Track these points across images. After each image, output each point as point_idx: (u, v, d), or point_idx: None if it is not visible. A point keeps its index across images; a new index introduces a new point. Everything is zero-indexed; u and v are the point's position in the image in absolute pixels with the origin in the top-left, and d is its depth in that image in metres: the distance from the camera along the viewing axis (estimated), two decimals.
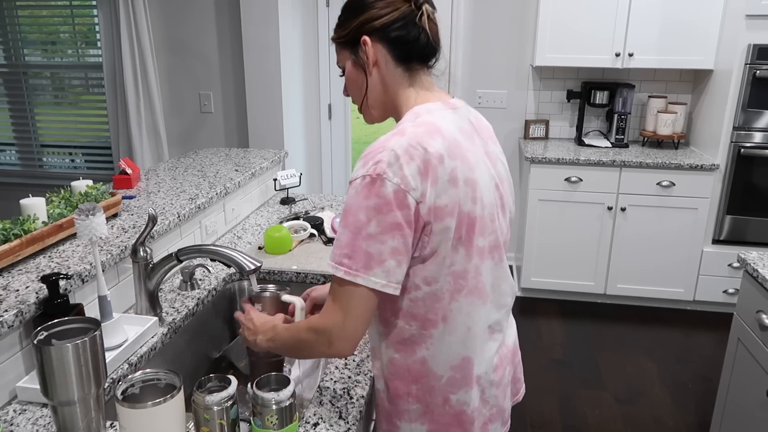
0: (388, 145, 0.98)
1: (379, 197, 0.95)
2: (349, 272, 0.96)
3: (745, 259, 1.96)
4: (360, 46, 1.08)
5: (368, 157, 0.98)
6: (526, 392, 1.36)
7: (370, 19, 1.06)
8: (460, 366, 1.09)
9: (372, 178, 0.95)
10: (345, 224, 0.97)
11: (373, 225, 0.95)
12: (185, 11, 3.61)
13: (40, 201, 1.45)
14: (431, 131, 1.00)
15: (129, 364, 1.28)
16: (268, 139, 3.56)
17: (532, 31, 3.71)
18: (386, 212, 0.95)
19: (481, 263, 1.06)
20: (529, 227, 3.55)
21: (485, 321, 1.11)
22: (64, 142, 4.24)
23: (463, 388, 1.11)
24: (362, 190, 0.96)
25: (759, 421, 1.87)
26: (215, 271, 1.73)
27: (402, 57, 1.08)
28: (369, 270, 0.96)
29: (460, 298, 1.06)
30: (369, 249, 0.95)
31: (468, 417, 1.12)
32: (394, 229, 0.96)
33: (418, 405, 1.11)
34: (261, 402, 0.96)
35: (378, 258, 0.96)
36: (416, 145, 0.97)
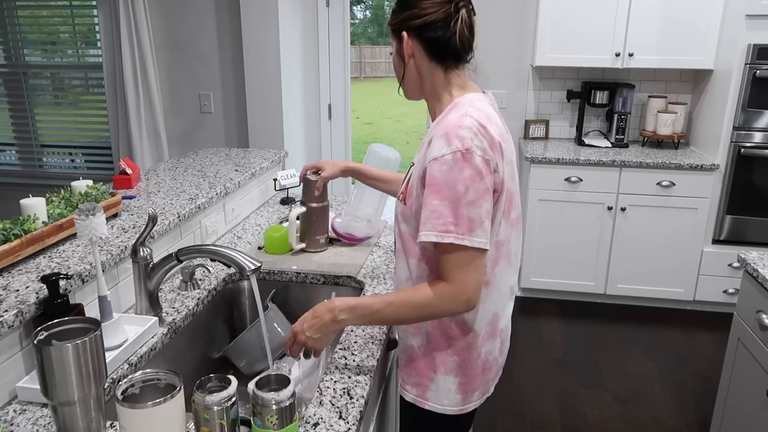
0: (464, 123, 1.10)
1: (472, 168, 1.07)
2: (459, 237, 1.08)
3: (745, 259, 1.96)
4: (402, 38, 1.20)
5: (450, 136, 1.09)
6: (526, 392, 1.44)
7: (411, 17, 1.18)
8: (491, 321, 1.25)
9: (462, 152, 1.07)
10: (441, 197, 1.08)
11: (471, 193, 1.08)
12: (185, 11, 3.61)
13: (40, 201, 1.45)
14: (487, 117, 1.14)
15: (129, 364, 1.28)
16: (268, 139, 3.56)
17: (532, 31, 3.71)
18: (479, 180, 1.08)
19: (512, 232, 1.22)
20: (529, 227, 3.55)
21: (509, 282, 1.27)
22: (64, 142, 4.24)
23: (490, 340, 1.26)
24: (455, 165, 1.07)
25: (759, 421, 1.87)
26: (215, 271, 1.73)
27: (435, 55, 1.19)
28: (473, 232, 1.08)
29: (500, 262, 1.21)
30: (470, 215, 1.08)
31: (489, 365, 1.29)
32: (486, 193, 1.10)
33: (456, 357, 1.24)
34: (261, 402, 0.96)
35: (478, 220, 1.09)
36: (484, 123, 1.11)
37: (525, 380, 2.87)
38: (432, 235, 1.09)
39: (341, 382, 1.22)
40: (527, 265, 3.61)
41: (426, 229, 1.10)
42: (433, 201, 1.09)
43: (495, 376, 1.35)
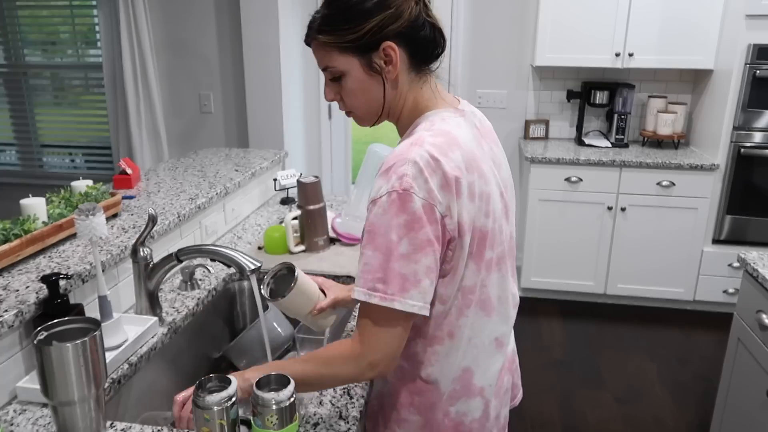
0: (410, 156, 0.92)
1: (408, 214, 0.90)
2: (385, 297, 0.91)
3: (745, 259, 1.96)
4: (378, 52, 0.98)
5: (390, 172, 0.92)
6: (526, 392, 1.36)
7: (391, 20, 0.96)
8: (461, 377, 1.07)
9: (399, 193, 0.90)
10: (374, 246, 0.91)
11: (405, 244, 0.90)
12: (185, 11, 3.61)
13: (40, 201, 1.45)
14: (449, 142, 0.95)
15: (129, 364, 1.28)
16: (268, 139, 3.56)
17: (532, 31, 3.71)
18: (417, 229, 0.90)
19: (488, 276, 1.03)
20: (529, 227, 3.55)
21: (491, 333, 1.08)
22: (64, 142, 4.24)
23: (462, 398, 1.08)
24: (390, 208, 0.90)
25: (759, 421, 1.87)
26: (215, 271, 1.73)
27: (417, 59, 1.01)
28: (405, 293, 0.91)
29: (468, 312, 1.03)
30: (403, 270, 0.91)
31: (466, 427, 1.09)
32: (426, 246, 0.91)
33: (419, 417, 1.09)
34: (261, 402, 0.96)
35: (413, 279, 0.91)
36: (437, 156, 0.92)
37: (525, 380, 2.86)
38: (361, 293, 0.92)
39: None
40: (527, 265, 3.61)
41: (358, 284, 0.93)
42: (366, 251, 0.92)
43: None
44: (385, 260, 0.91)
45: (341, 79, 1.02)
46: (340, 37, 0.98)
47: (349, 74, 1.01)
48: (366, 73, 1.00)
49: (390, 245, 0.90)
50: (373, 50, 0.98)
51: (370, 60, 0.98)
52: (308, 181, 1.81)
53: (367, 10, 0.96)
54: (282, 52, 3.41)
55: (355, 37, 0.97)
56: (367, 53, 0.98)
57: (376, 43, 0.97)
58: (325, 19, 1.00)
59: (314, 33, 1.02)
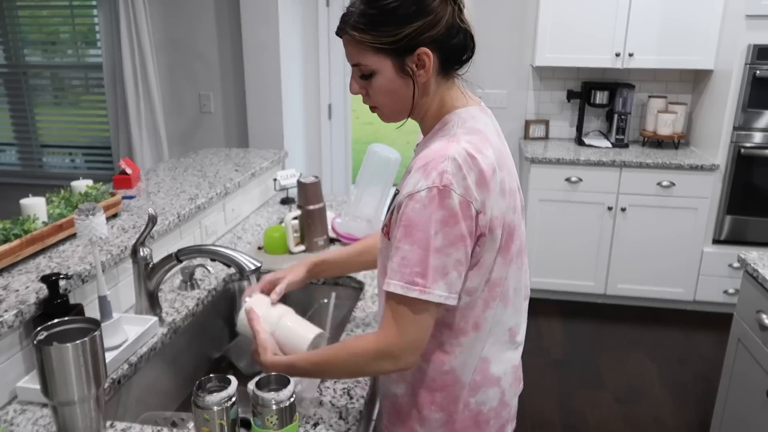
0: (448, 153, 0.94)
1: (445, 209, 0.92)
2: (424, 291, 0.94)
3: (745, 260, 1.96)
4: (412, 56, 0.98)
5: (429, 168, 0.94)
6: (526, 392, 1.37)
7: (427, 27, 0.96)
8: (480, 368, 1.09)
9: (439, 189, 0.92)
10: (412, 240, 0.93)
11: (440, 238, 0.93)
12: (185, 11, 3.61)
13: (40, 201, 1.45)
14: (482, 139, 0.98)
15: (129, 364, 1.28)
16: (268, 139, 3.56)
17: (532, 31, 3.71)
18: (452, 224, 0.93)
19: (508, 270, 1.06)
20: (529, 227, 3.55)
21: (506, 324, 1.11)
22: (64, 142, 4.24)
23: (481, 388, 1.10)
24: (429, 203, 0.92)
25: (759, 421, 1.87)
26: (215, 271, 1.73)
27: (449, 64, 1.02)
28: (435, 284, 0.94)
29: (493, 304, 1.06)
30: (435, 264, 0.94)
31: (484, 416, 1.12)
32: (458, 241, 0.94)
33: (441, 414, 1.10)
34: (261, 402, 0.96)
35: (443, 271, 0.94)
36: (474, 154, 0.95)
37: (525, 380, 2.86)
38: (399, 286, 0.94)
39: (341, 382, 1.22)
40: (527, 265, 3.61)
41: (395, 277, 0.95)
42: (404, 245, 0.94)
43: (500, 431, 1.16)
44: (424, 255, 0.93)
45: (371, 76, 1.02)
46: (376, 37, 0.97)
47: (380, 73, 1.01)
48: (397, 75, 1.00)
49: (428, 240, 0.93)
50: (408, 54, 0.98)
51: (403, 63, 0.99)
52: (308, 181, 1.81)
53: (407, 15, 0.95)
54: (282, 52, 3.41)
55: (392, 40, 0.97)
56: (402, 56, 0.98)
57: (412, 48, 0.97)
58: (362, 17, 0.98)
59: (349, 28, 0.99)
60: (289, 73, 3.55)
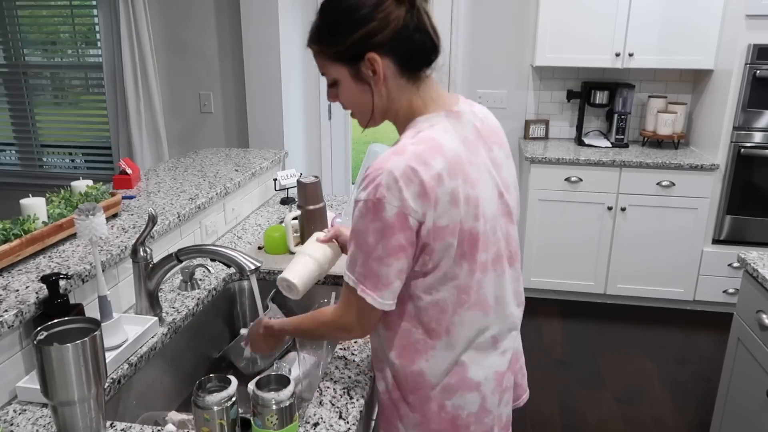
0: (387, 167, 0.96)
1: (381, 221, 0.96)
2: (365, 290, 1.01)
3: (745, 259, 1.96)
4: (364, 62, 1.00)
5: (368, 180, 0.97)
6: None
7: (372, 33, 0.98)
8: (455, 371, 1.10)
9: (373, 202, 0.96)
10: (357, 245, 1.00)
11: (380, 248, 0.98)
12: (185, 11, 3.61)
13: (40, 201, 1.45)
14: (431, 149, 0.97)
15: (129, 364, 1.28)
16: (268, 139, 3.56)
17: (532, 31, 3.71)
18: (389, 236, 0.97)
19: (483, 277, 1.07)
20: (529, 227, 3.55)
21: (488, 332, 1.11)
22: (64, 142, 4.24)
23: (457, 392, 1.11)
24: (366, 214, 0.98)
25: (759, 421, 1.87)
26: (215, 271, 1.73)
27: (408, 67, 1.02)
28: (378, 291, 1.01)
29: (462, 312, 1.07)
30: (378, 272, 1.00)
31: (462, 421, 1.12)
32: (398, 251, 0.98)
33: (415, 414, 1.13)
34: (261, 402, 0.96)
35: (386, 280, 1.00)
36: (415, 166, 0.95)
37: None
38: (350, 279, 1.03)
39: (341, 382, 1.22)
40: (527, 265, 3.61)
41: (348, 269, 1.03)
42: (352, 246, 1.02)
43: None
44: (365, 259, 1.00)
45: (336, 85, 1.07)
46: (328, 48, 1.03)
47: (341, 82, 1.05)
48: (355, 82, 1.04)
49: (368, 247, 0.99)
50: (360, 61, 1.01)
51: (358, 69, 1.02)
52: (308, 181, 1.80)
53: (351, 22, 0.99)
54: (282, 53, 3.41)
55: (341, 50, 1.01)
56: (355, 63, 1.01)
57: (360, 55, 1.00)
58: (316, 30, 1.05)
59: (309, 41, 1.07)
60: (289, 73, 3.55)
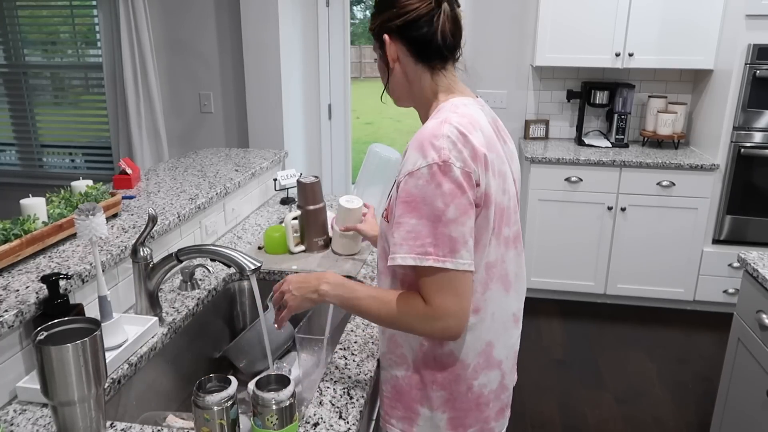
0: (442, 131, 0.99)
1: (451, 181, 0.97)
2: (438, 259, 0.98)
3: (745, 259, 1.96)
4: (384, 41, 1.11)
5: (425, 146, 0.99)
6: (526, 392, 1.38)
7: (390, 18, 1.09)
8: (484, 351, 1.13)
9: (439, 165, 0.97)
10: (419, 215, 0.98)
11: (452, 210, 0.97)
12: (185, 11, 3.61)
13: (40, 201, 1.45)
14: (472, 122, 1.04)
15: (129, 364, 1.28)
16: (268, 139, 3.56)
17: (532, 31, 3.71)
18: (461, 195, 0.98)
19: (507, 252, 1.11)
20: (529, 227, 3.55)
21: (509, 309, 1.15)
22: (64, 142, 4.24)
23: (483, 371, 1.14)
24: (432, 178, 0.97)
25: (759, 421, 1.87)
26: (215, 271, 1.73)
27: (421, 56, 1.10)
28: (456, 253, 0.98)
29: (492, 286, 1.10)
30: (453, 234, 0.98)
31: (485, 399, 1.16)
32: (469, 209, 0.99)
33: (443, 392, 1.13)
34: (261, 402, 0.96)
35: (462, 240, 0.99)
36: (465, 132, 1.00)
37: (525, 380, 2.87)
38: (409, 258, 0.99)
39: (341, 382, 1.22)
40: (527, 265, 3.61)
41: (402, 251, 0.99)
42: (409, 220, 0.99)
43: (498, 414, 1.20)
44: (433, 227, 0.98)
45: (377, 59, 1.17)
46: (371, 24, 1.15)
47: (378, 59, 1.16)
48: (382, 59, 1.14)
49: (437, 212, 0.97)
50: (380, 41, 1.12)
51: (383, 49, 1.13)
52: (308, 181, 1.80)
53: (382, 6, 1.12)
54: (282, 53, 3.41)
55: (371, 28, 1.14)
56: (379, 44, 1.13)
57: (380, 36, 1.12)
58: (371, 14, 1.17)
59: None
60: (289, 73, 3.55)
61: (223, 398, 0.95)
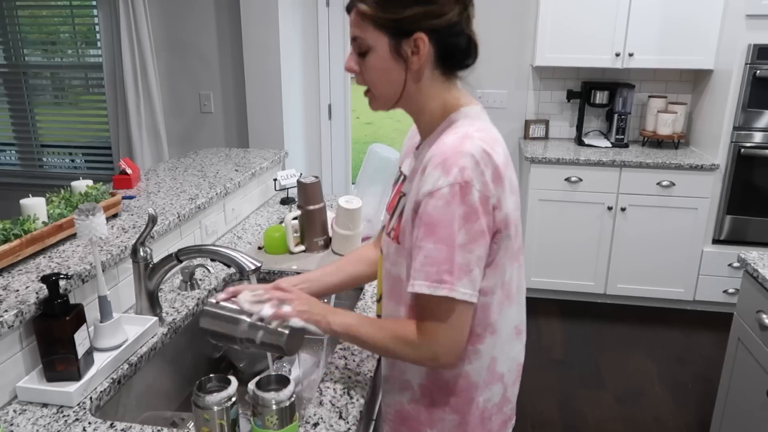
0: (465, 149, 0.93)
1: (467, 205, 0.92)
2: (453, 289, 0.94)
3: (745, 259, 1.96)
4: (409, 39, 0.98)
5: (449, 164, 0.93)
6: (526, 392, 1.37)
7: (431, 15, 0.97)
8: (489, 367, 1.09)
9: (461, 185, 0.92)
10: (436, 239, 0.93)
11: (462, 234, 0.93)
12: (185, 11, 3.61)
13: (40, 201, 1.45)
14: (492, 138, 0.98)
15: (129, 364, 1.28)
16: (268, 139, 3.56)
17: (532, 31, 3.71)
18: (474, 220, 0.93)
19: (513, 267, 1.06)
20: (529, 227, 3.55)
21: (512, 321, 1.11)
22: (64, 142, 4.24)
23: (488, 386, 1.11)
24: (452, 200, 0.92)
25: (759, 421, 1.87)
26: (215, 271, 1.73)
27: (446, 62, 1.02)
28: (460, 281, 0.94)
29: (506, 305, 1.06)
30: (459, 261, 0.93)
31: (488, 413, 1.12)
32: (480, 237, 0.94)
33: (455, 416, 1.10)
34: (261, 402, 0.96)
35: (467, 268, 0.94)
36: (488, 150, 0.94)
37: (525, 380, 2.87)
38: (424, 286, 0.94)
39: (341, 382, 1.22)
40: (527, 265, 3.61)
41: (420, 278, 0.95)
42: (427, 244, 0.94)
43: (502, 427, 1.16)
44: (449, 252, 0.93)
45: (367, 54, 1.02)
46: (380, 12, 0.98)
47: (375, 51, 1.01)
48: (392, 56, 1.00)
49: (453, 236, 0.93)
50: (406, 36, 0.98)
51: (399, 44, 0.99)
52: (308, 181, 1.80)
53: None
54: (282, 53, 3.41)
55: (394, 18, 0.97)
56: (399, 37, 0.98)
57: (410, 31, 0.97)
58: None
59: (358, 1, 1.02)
60: (289, 73, 3.55)
61: (223, 398, 0.96)
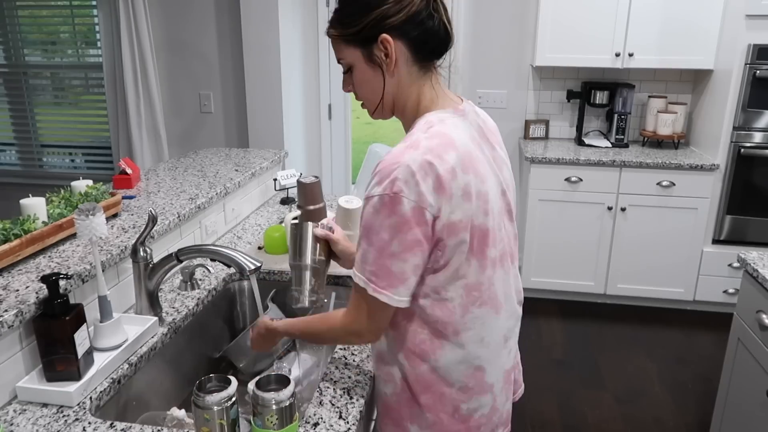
0: (403, 160, 0.95)
1: (398, 216, 0.95)
2: (377, 290, 0.99)
3: (745, 259, 1.96)
4: (377, 44, 1.00)
5: (383, 174, 0.95)
6: (526, 392, 1.37)
7: (387, 15, 0.98)
8: (473, 375, 1.09)
9: (390, 197, 0.94)
10: (369, 242, 0.98)
11: (395, 244, 0.96)
12: (185, 11, 3.61)
13: (40, 201, 1.45)
14: (445, 144, 0.97)
15: (129, 364, 1.28)
16: (268, 139, 3.56)
17: (532, 31, 3.71)
18: (406, 231, 0.95)
19: (493, 273, 1.07)
20: (529, 227, 3.55)
21: (499, 330, 1.11)
22: (64, 142, 4.24)
23: (474, 396, 1.11)
24: (381, 209, 0.95)
25: (759, 421, 1.87)
26: (215, 271, 1.73)
27: (421, 54, 1.02)
28: (393, 288, 0.99)
29: (473, 309, 1.06)
30: (393, 268, 0.98)
31: (474, 422, 1.12)
32: (414, 246, 0.97)
33: (429, 414, 1.11)
34: (261, 402, 0.96)
35: (401, 276, 0.98)
36: (431, 159, 0.95)
37: (525, 380, 2.86)
38: (361, 279, 1.01)
39: (341, 382, 1.22)
40: (527, 265, 3.61)
41: (358, 270, 1.01)
42: (363, 244, 0.99)
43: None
44: (378, 256, 0.98)
45: (351, 71, 1.07)
46: (344, 30, 1.03)
47: (355, 66, 1.05)
48: (368, 65, 1.04)
49: (382, 243, 0.97)
50: (374, 43, 1.01)
51: (371, 52, 1.02)
52: (308, 181, 1.80)
53: (367, 4, 1.00)
54: (282, 52, 3.41)
55: (355, 30, 1.01)
56: (368, 46, 1.02)
57: (374, 36, 1.00)
58: (335, 14, 1.05)
59: (329, 27, 1.07)
60: (289, 73, 3.55)
61: (223, 398, 0.95)
